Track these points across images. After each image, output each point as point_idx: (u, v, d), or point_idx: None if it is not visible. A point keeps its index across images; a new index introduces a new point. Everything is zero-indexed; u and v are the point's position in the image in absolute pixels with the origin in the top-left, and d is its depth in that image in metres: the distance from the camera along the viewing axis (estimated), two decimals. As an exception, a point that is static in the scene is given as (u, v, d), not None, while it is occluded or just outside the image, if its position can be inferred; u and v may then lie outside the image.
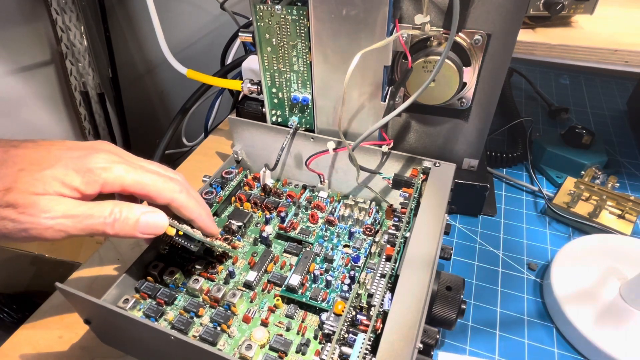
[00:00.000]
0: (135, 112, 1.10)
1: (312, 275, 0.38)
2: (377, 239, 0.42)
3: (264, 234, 0.42)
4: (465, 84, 0.44)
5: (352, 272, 0.38)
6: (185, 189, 0.35)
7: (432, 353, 0.31)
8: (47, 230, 0.28)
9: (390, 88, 0.45)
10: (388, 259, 0.34)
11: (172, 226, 0.33)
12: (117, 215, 0.30)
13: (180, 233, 0.34)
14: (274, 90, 0.48)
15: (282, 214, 0.43)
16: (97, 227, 0.30)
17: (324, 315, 0.34)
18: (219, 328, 0.35)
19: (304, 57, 0.44)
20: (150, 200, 0.33)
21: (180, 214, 0.35)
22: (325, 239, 0.42)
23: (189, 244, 0.35)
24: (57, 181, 0.29)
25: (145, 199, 0.33)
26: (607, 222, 0.50)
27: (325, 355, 0.29)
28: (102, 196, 0.32)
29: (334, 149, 0.43)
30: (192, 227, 0.38)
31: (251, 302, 0.37)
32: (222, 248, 0.39)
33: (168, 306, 0.37)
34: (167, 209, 0.35)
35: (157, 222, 0.32)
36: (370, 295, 0.31)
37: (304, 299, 0.36)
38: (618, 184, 0.54)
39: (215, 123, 0.73)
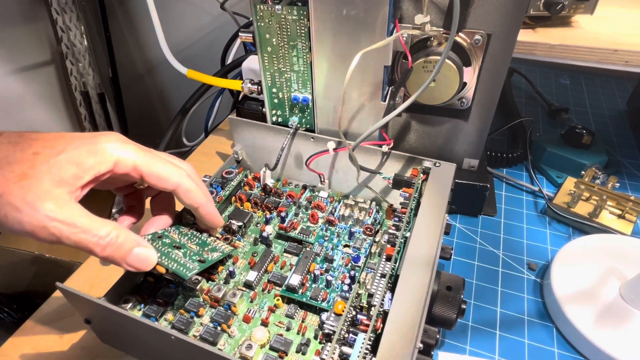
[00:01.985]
0: (135, 112, 1.10)
1: (312, 275, 0.38)
2: (377, 239, 0.42)
3: (264, 234, 0.42)
4: (465, 84, 0.44)
5: (352, 272, 0.38)
6: (192, 175, 0.35)
7: (432, 353, 0.31)
8: (42, 230, 0.28)
9: (390, 88, 0.45)
10: (388, 259, 0.34)
11: (160, 265, 0.33)
12: (113, 239, 0.30)
13: (171, 271, 0.34)
14: (274, 90, 0.48)
15: (282, 214, 0.43)
16: (89, 245, 0.29)
17: (324, 315, 0.34)
18: (219, 328, 0.35)
19: (304, 57, 0.44)
20: (158, 184, 0.33)
21: (186, 200, 0.35)
22: (326, 238, 0.42)
23: (178, 279, 0.35)
24: (72, 165, 0.29)
25: (152, 183, 0.33)
26: (607, 222, 0.50)
27: (326, 355, 0.29)
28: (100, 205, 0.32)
29: (334, 149, 0.43)
30: (195, 225, 0.37)
31: (251, 302, 0.37)
32: (222, 255, 0.38)
33: (168, 306, 0.36)
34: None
35: (147, 258, 0.32)
36: (370, 295, 0.31)
37: (304, 299, 0.36)
38: (618, 184, 0.54)
39: (215, 123, 0.73)
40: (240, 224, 0.42)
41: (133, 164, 0.31)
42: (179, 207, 0.38)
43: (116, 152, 0.31)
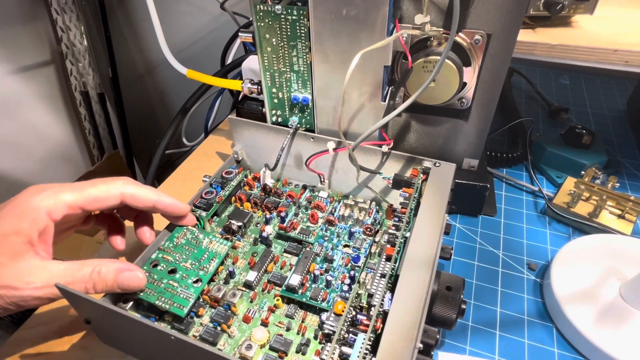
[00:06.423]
0: (135, 112, 1.10)
1: (312, 275, 0.38)
2: (377, 239, 0.42)
3: (264, 234, 0.42)
4: (465, 84, 0.44)
5: (352, 272, 0.38)
6: (131, 182, 0.35)
7: (432, 353, 0.31)
8: (38, 299, 0.29)
9: (390, 88, 0.45)
10: (388, 259, 0.34)
11: (158, 307, 0.34)
12: (95, 277, 0.31)
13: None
14: (274, 90, 0.48)
15: (282, 214, 0.43)
16: (83, 291, 0.30)
17: (324, 315, 0.34)
18: (219, 328, 0.35)
19: (304, 57, 0.44)
20: (102, 206, 0.33)
21: (140, 204, 0.35)
22: (325, 239, 0.42)
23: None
24: (13, 236, 0.29)
25: (95, 208, 0.33)
26: (607, 222, 0.50)
27: (325, 355, 0.29)
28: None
29: (334, 149, 0.43)
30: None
31: (251, 302, 0.37)
32: (218, 262, 0.38)
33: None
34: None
35: (134, 278, 0.32)
36: (370, 295, 0.31)
37: (304, 299, 0.36)
38: (618, 184, 0.54)
39: (215, 123, 0.73)
40: (240, 224, 0.42)
41: (65, 205, 0.31)
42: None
43: (43, 204, 0.30)
